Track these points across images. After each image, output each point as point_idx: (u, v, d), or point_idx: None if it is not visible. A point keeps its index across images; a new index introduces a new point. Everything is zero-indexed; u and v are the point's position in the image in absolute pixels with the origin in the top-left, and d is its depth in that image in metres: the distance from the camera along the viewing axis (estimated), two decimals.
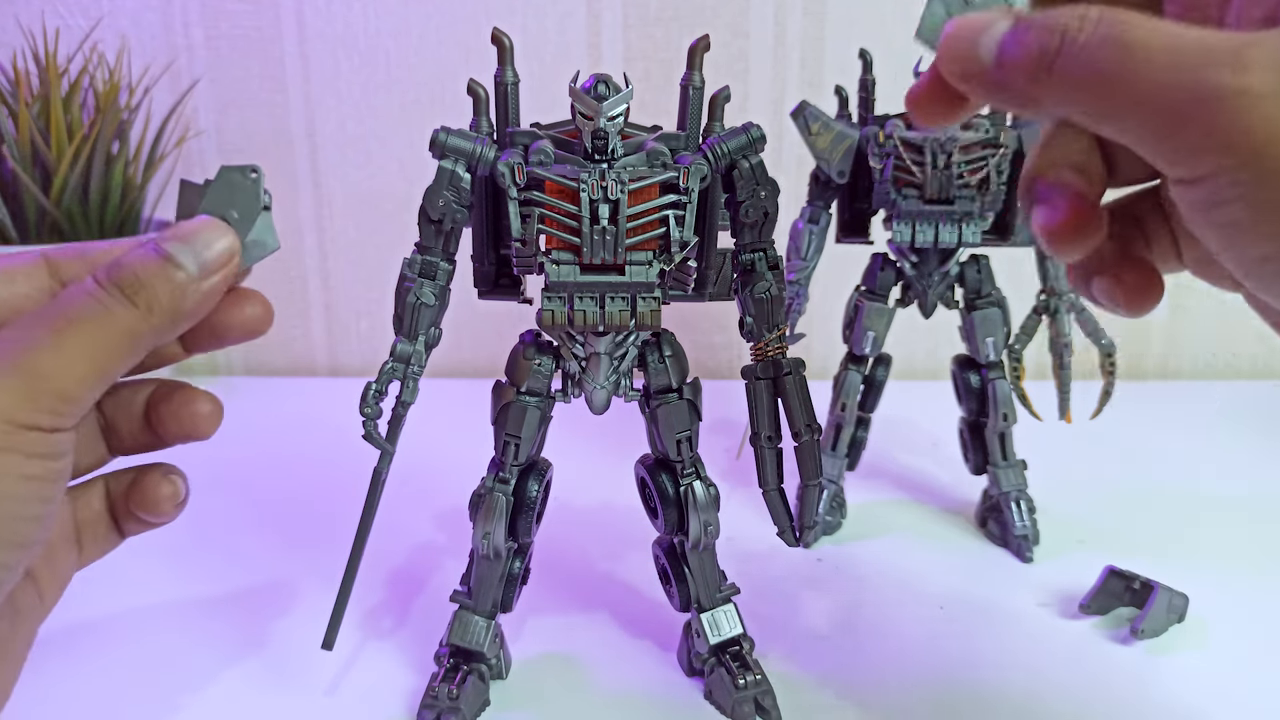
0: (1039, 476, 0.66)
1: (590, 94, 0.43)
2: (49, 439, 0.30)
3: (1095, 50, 0.25)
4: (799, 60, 0.96)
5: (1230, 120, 0.23)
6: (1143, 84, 0.25)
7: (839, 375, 0.67)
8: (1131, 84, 0.25)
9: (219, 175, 0.36)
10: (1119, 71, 0.25)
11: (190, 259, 0.33)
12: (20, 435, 0.30)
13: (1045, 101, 0.27)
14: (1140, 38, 0.25)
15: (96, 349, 0.31)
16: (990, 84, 0.28)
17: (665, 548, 0.52)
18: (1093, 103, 0.26)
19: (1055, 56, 0.26)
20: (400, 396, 0.46)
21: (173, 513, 0.38)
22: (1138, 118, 0.25)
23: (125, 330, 0.32)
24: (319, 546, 0.65)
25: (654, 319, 0.45)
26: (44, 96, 0.81)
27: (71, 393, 0.31)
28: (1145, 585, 0.56)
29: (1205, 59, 0.24)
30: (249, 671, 0.53)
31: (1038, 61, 0.27)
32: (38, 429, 0.30)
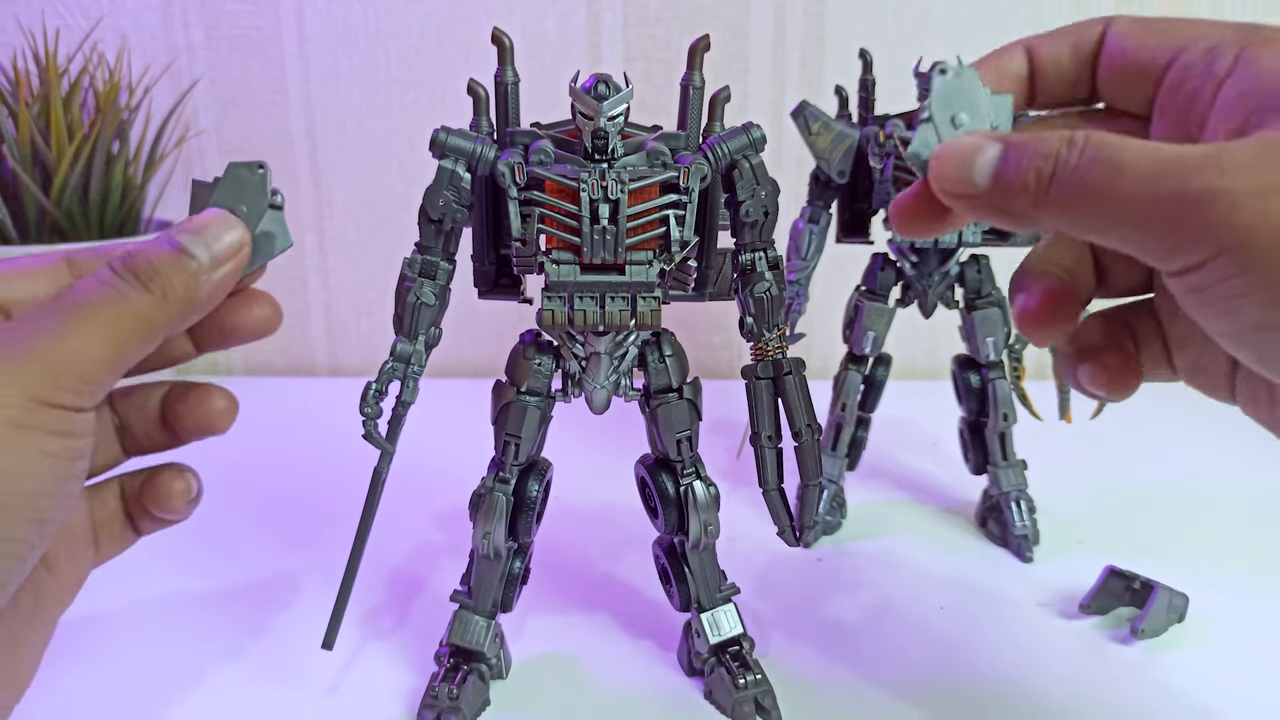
0: (1039, 476, 0.66)
1: (590, 94, 0.43)
2: (70, 418, 0.31)
3: (1086, 172, 0.28)
4: (799, 60, 0.96)
5: (1215, 216, 0.26)
6: (1132, 197, 0.28)
7: (839, 375, 0.67)
8: (1121, 198, 0.28)
9: (227, 171, 0.37)
10: (1109, 189, 0.28)
11: (202, 249, 0.35)
12: (42, 413, 0.30)
13: (1042, 221, 0.30)
14: (1127, 157, 0.28)
15: (114, 332, 0.32)
16: (985, 207, 0.30)
17: (665, 548, 0.52)
18: (1087, 219, 0.29)
19: (1050, 181, 0.29)
20: (400, 396, 0.46)
21: (186, 509, 0.39)
22: (1130, 227, 0.28)
23: (141, 315, 0.33)
24: (319, 546, 0.65)
25: (654, 319, 0.45)
26: (44, 96, 0.81)
27: (91, 373, 0.32)
28: (1145, 585, 0.56)
29: (1187, 168, 0.27)
30: (249, 671, 0.53)
31: (1034, 186, 0.29)
32: (60, 407, 0.31)
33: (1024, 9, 0.95)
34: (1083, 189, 0.28)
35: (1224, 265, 0.27)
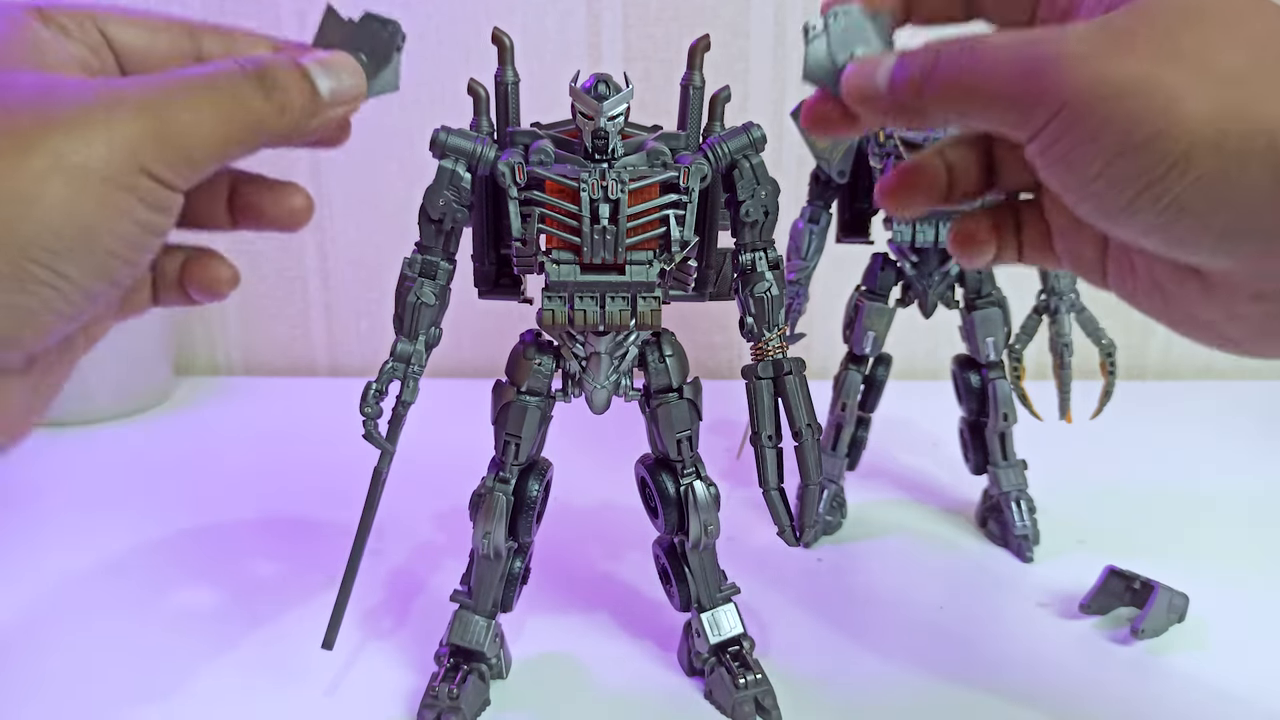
0: (1039, 476, 0.66)
1: (590, 94, 0.43)
2: (165, 194, 0.32)
3: (954, 59, 0.32)
4: (799, 60, 0.96)
5: (1051, 79, 0.30)
6: (989, 74, 0.32)
7: (839, 375, 0.67)
8: (982, 76, 0.32)
9: (362, 20, 0.38)
10: (971, 69, 0.32)
11: (325, 83, 0.36)
12: (143, 180, 0.31)
13: (928, 111, 0.34)
14: (987, 43, 0.32)
15: (227, 122, 0.33)
16: (885, 105, 0.34)
17: (665, 547, 0.52)
18: (957, 100, 0.33)
19: (930, 71, 0.33)
20: (400, 396, 0.46)
21: (226, 294, 0.40)
22: (990, 102, 0.32)
23: (255, 117, 0.34)
24: (319, 546, 0.65)
25: (654, 319, 0.45)
26: None
27: (195, 155, 0.32)
28: (1145, 585, 0.56)
29: (1033, 43, 0.31)
30: (249, 671, 0.53)
31: (918, 80, 0.33)
32: (159, 180, 0.31)
33: None
34: (951, 72, 0.32)
35: (1059, 125, 0.30)
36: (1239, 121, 0.29)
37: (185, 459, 0.81)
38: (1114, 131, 0.30)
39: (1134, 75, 0.29)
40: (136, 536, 0.67)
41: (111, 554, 0.65)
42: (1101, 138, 0.30)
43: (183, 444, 0.85)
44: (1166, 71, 0.29)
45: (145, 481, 0.75)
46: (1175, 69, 0.29)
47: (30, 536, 0.66)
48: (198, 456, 0.82)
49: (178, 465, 0.79)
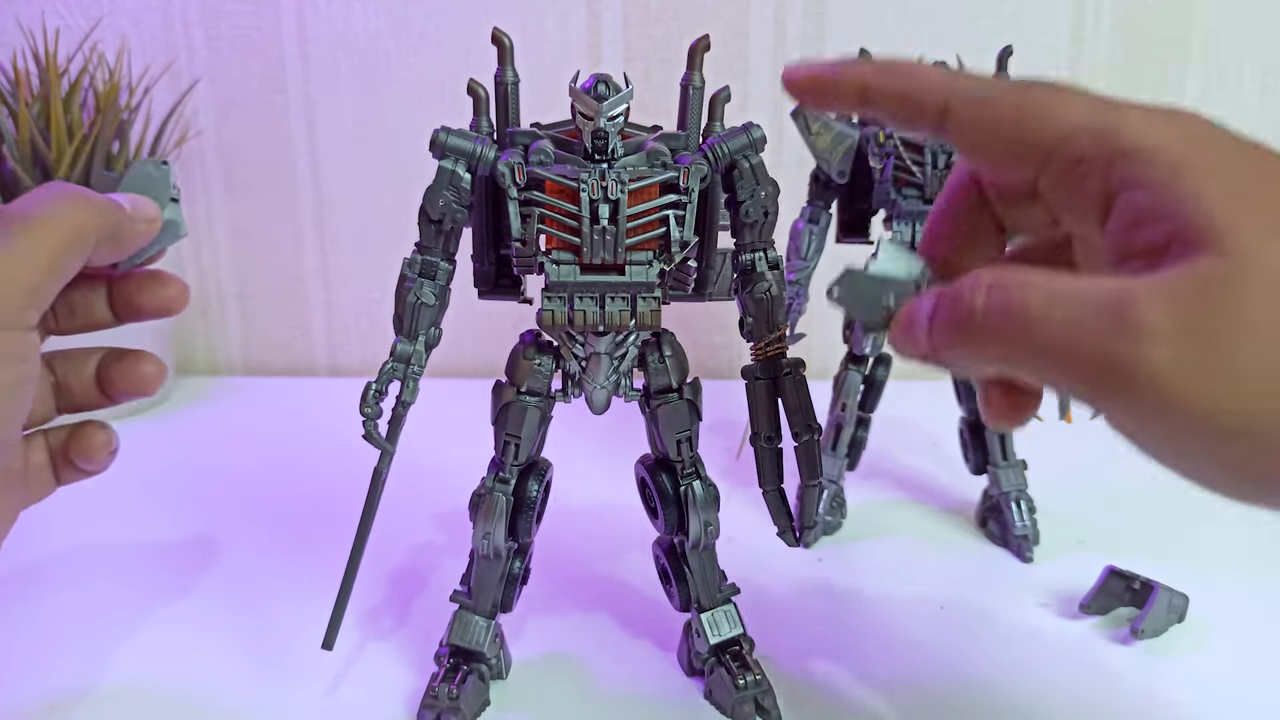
0: (1039, 476, 0.66)
1: (590, 94, 0.43)
2: (18, 338, 0.34)
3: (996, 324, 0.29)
4: (799, 60, 0.96)
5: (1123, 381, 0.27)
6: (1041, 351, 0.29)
7: (839, 375, 0.67)
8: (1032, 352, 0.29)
9: (131, 166, 0.41)
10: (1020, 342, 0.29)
11: (125, 201, 0.39)
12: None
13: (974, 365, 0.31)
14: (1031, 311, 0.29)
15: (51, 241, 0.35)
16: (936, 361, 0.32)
17: (665, 548, 0.52)
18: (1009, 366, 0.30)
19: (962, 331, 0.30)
20: (400, 396, 0.46)
21: (106, 460, 0.43)
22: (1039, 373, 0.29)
23: (76, 224, 0.36)
24: (319, 546, 0.65)
25: (654, 319, 0.45)
26: (44, 96, 0.81)
27: (34, 283, 0.35)
28: (1145, 585, 0.56)
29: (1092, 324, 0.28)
30: (249, 671, 0.53)
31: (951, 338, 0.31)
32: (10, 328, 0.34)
33: (1024, 8, 0.95)
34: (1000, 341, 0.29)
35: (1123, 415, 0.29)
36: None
37: (185, 459, 0.81)
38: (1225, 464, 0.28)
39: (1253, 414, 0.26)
40: (136, 536, 0.67)
41: (111, 554, 0.65)
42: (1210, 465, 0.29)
43: (183, 444, 0.85)
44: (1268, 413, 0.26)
45: (145, 481, 0.75)
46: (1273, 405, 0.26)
47: (29, 536, 0.66)
48: (198, 456, 0.82)
49: (178, 465, 0.79)
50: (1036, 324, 0.28)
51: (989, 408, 0.35)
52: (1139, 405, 0.28)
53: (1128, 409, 0.28)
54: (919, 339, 0.32)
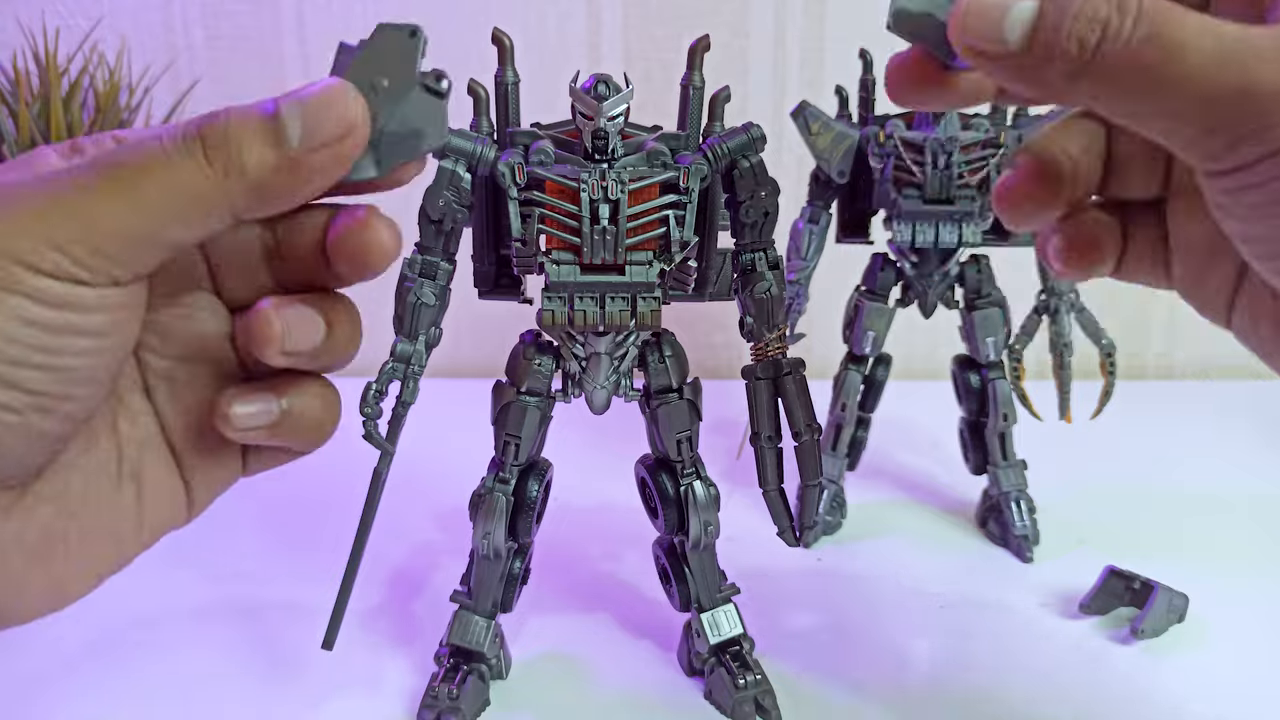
0: (1039, 476, 0.66)
1: (590, 94, 0.43)
2: (63, 289, 0.27)
3: (1140, 50, 0.25)
4: (799, 60, 0.96)
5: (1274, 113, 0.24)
6: (1190, 84, 0.25)
7: (839, 375, 0.67)
8: (1177, 85, 0.25)
9: (374, 34, 0.30)
10: (1164, 72, 0.25)
11: (294, 127, 0.29)
12: (24, 276, 0.27)
13: (1078, 95, 0.27)
14: (1186, 38, 0.25)
15: (149, 203, 0.28)
16: (1013, 69, 0.27)
17: (665, 548, 0.52)
18: (1132, 102, 0.26)
19: (1095, 51, 0.26)
20: (400, 396, 0.46)
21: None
22: (1180, 118, 0.26)
23: (189, 190, 0.28)
24: (319, 546, 0.65)
25: (654, 319, 0.45)
26: (44, 96, 0.81)
27: (104, 247, 0.27)
28: (1145, 585, 0.56)
29: (1249, 56, 0.25)
30: (249, 671, 0.53)
31: (1076, 54, 0.26)
32: (54, 275, 0.27)
33: None
34: (1133, 68, 0.25)
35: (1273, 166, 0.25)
36: None
37: None
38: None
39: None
40: None
41: None
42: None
43: None
44: None
45: None
46: None
47: None
48: None
49: None
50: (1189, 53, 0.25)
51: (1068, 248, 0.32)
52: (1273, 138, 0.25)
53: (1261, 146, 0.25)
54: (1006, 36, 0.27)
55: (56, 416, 0.29)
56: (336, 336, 0.33)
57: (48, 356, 0.28)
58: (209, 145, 0.28)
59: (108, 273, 0.28)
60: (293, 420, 0.33)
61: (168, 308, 0.32)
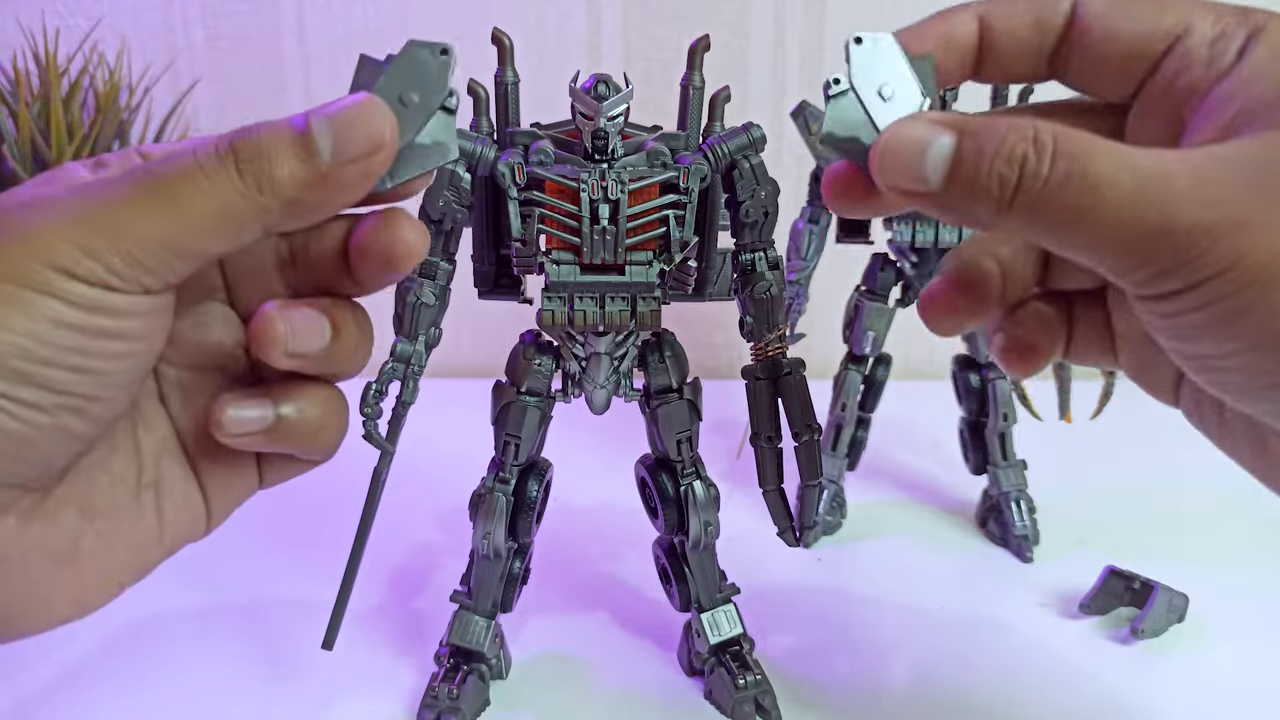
0: (1039, 476, 0.66)
1: (590, 94, 0.43)
2: (95, 294, 0.28)
3: (1058, 190, 0.26)
4: (799, 60, 0.96)
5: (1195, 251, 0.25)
6: (1108, 223, 0.26)
7: (839, 375, 0.67)
8: (1097, 224, 0.26)
9: (404, 50, 0.31)
10: (1085, 212, 0.26)
11: (325, 142, 0.29)
12: (58, 281, 0.27)
13: (1005, 229, 0.27)
14: (1104, 175, 0.25)
15: (181, 215, 0.28)
16: (940, 207, 0.28)
17: (665, 548, 0.52)
18: (1057, 237, 0.27)
19: (1015, 190, 0.26)
20: (400, 396, 0.46)
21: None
22: (1103, 252, 0.27)
23: (219, 204, 0.29)
24: (319, 546, 0.64)
25: (654, 319, 0.45)
26: (44, 96, 0.81)
27: (137, 255, 0.28)
28: (1145, 585, 0.56)
29: (1166, 193, 0.25)
30: (249, 671, 0.53)
31: (997, 194, 0.26)
32: (87, 280, 0.28)
33: None
34: (1053, 207, 0.26)
35: (1195, 297, 0.26)
36: None
37: None
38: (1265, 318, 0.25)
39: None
40: None
41: None
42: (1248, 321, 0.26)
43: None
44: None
45: None
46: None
47: None
48: None
49: None
50: (1106, 193, 0.25)
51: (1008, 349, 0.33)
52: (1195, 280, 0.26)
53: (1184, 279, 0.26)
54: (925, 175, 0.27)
55: (85, 418, 0.30)
56: (344, 340, 0.33)
57: (79, 358, 0.28)
58: (241, 159, 0.29)
59: (138, 280, 0.29)
60: (289, 426, 0.33)
61: (183, 317, 0.33)
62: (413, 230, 0.32)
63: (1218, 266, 0.25)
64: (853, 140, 0.29)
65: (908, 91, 0.29)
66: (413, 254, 0.32)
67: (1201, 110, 0.29)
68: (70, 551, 0.31)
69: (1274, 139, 0.26)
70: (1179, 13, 0.30)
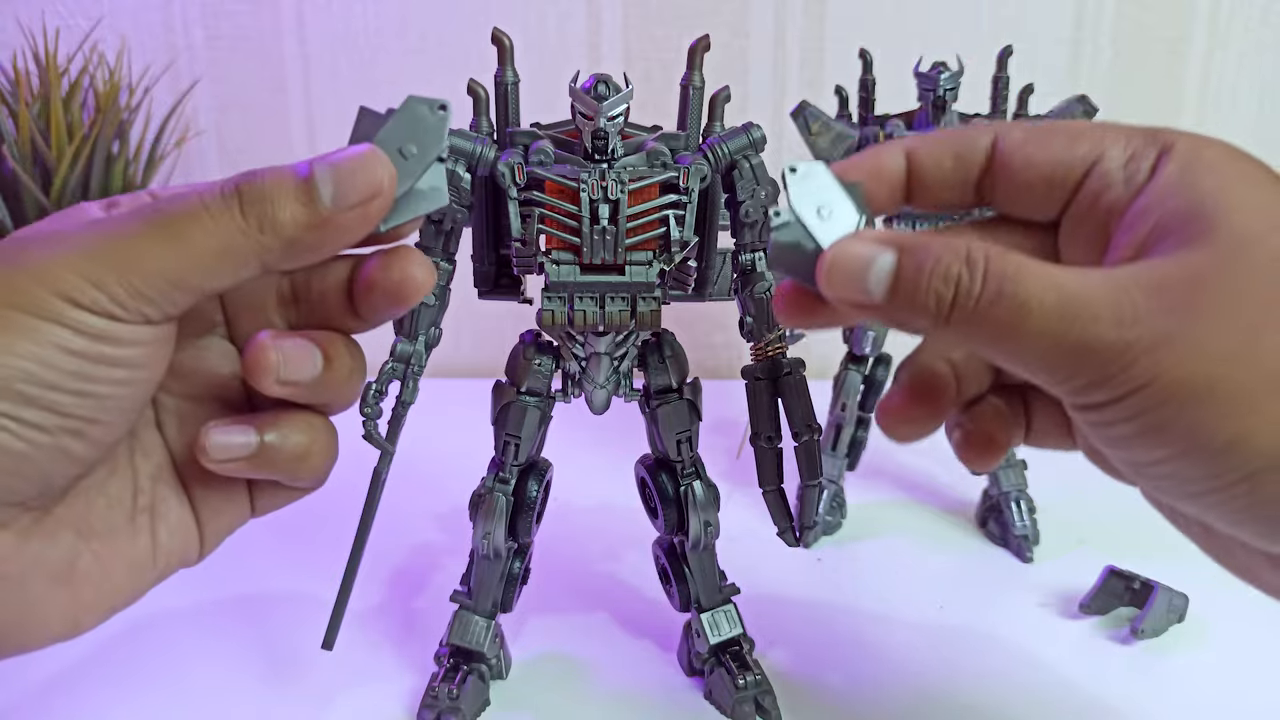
0: (1039, 476, 0.66)
1: (590, 94, 0.43)
2: (100, 323, 0.29)
3: (988, 308, 0.28)
4: (799, 60, 0.96)
5: (1114, 369, 0.27)
6: (1034, 340, 0.28)
7: (839, 375, 0.67)
8: (1026, 339, 0.28)
9: (404, 105, 0.33)
10: (1015, 328, 0.28)
11: (327, 188, 0.31)
12: (66, 310, 0.29)
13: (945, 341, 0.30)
14: (1030, 295, 0.27)
15: (185, 250, 0.30)
16: (885, 318, 0.30)
17: (665, 548, 0.52)
18: (989, 349, 0.29)
19: (950, 308, 0.28)
20: (400, 396, 0.46)
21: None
22: (1033, 364, 0.28)
23: (225, 242, 0.30)
24: (319, 546, 0.64)
25: (654, 319, 0.45)
26: (44, 96, 0.81)
27: (140, 288, 0.30)
28: (1145, 585, 0.56)
29: (1086, 313, 0.27)
30: (249, 671, 0.53)
31: (934, 310, 0.28)
32: (91, 310, 0.29)
33: (1024, 9, 0.95)
34: (985, 324, 0.28)
35: (1120, 410, 0.28)
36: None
37: None
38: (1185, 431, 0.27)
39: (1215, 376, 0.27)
40: None
41: None
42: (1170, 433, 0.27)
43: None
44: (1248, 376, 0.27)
45: None
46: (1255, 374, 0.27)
47: None
48: None
49: None
50: (1033, 311, 0.27)
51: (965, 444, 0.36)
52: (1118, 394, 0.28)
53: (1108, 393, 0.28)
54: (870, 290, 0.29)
55: (85, 440, 0.31)
56: (336, 370, 0.34)
57: (82, 383, 0.30)
58: (245, 201, 0.31)
59: (140, 311, 0.30)
60: (273, 452, 0.34)
61: (183, 349, 0.34)
62: (420, 268, 0.33)
63: (1138, 382, 0.27)
64: (797, 259, 0.31)
65: (844, 210, 0.31)
66: (420, 290, 0.34)
67: (1121, 226, 0.31)
68: (67, 571, 0.33)
69: (1185, 258, 0.28)
70: (1091, 140, 0.32)
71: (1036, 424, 0.36)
